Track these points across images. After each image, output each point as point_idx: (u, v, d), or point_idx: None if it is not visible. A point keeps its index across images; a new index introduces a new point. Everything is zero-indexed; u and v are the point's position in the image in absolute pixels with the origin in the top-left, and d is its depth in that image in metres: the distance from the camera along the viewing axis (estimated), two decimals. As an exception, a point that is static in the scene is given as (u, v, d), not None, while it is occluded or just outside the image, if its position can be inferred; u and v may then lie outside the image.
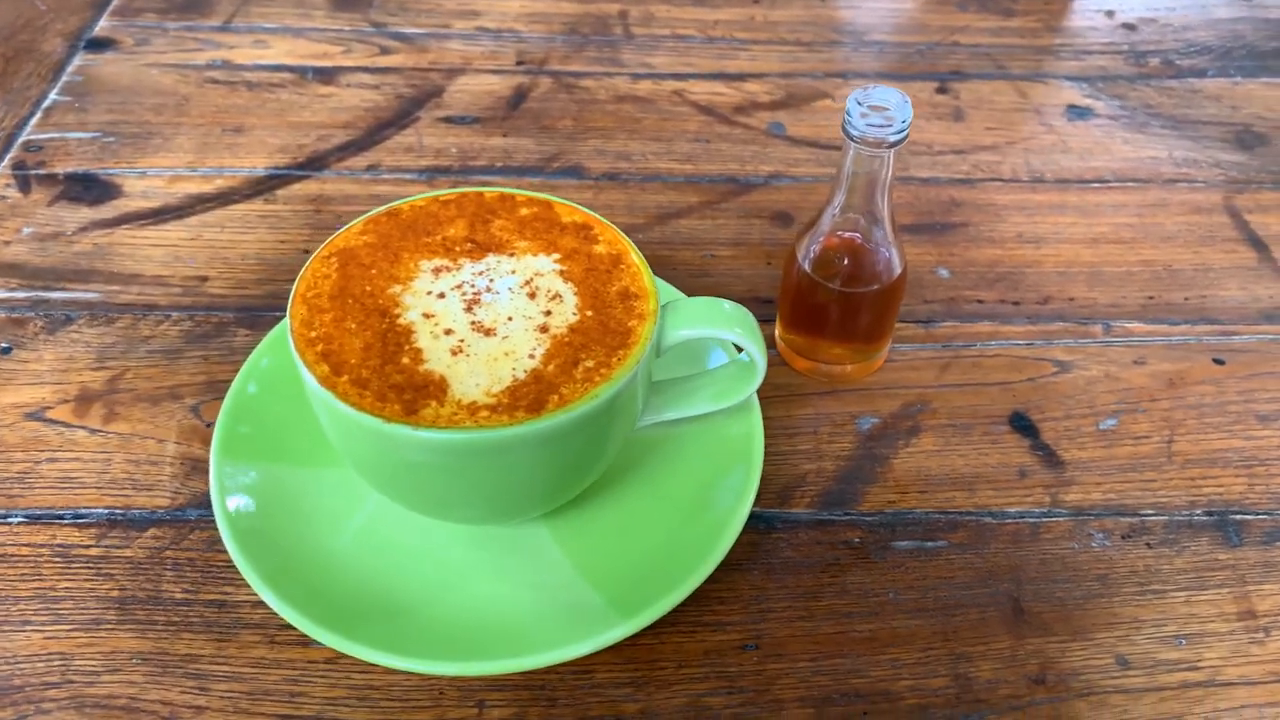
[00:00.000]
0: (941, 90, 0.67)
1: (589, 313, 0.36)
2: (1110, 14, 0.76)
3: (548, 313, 0.36)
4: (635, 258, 0.38)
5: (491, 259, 0.38)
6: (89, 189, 0.56)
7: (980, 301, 0.52)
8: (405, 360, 0.34)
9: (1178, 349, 0.50)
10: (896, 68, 0.69)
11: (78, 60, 0.66)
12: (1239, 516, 0.43)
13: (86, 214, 0.55)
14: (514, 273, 0.37)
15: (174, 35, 0.69)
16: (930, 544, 0.42)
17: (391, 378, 0.33)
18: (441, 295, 0.36)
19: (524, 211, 0.40)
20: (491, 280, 0.37)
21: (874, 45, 0.71)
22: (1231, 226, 0.57)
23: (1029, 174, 0.60)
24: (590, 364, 0.34)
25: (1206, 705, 0.37)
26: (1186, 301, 0.52)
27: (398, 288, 0.36)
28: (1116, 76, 0.69)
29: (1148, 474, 0.44)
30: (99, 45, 0.68)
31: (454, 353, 0.34)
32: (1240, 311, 0.52)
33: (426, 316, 0.35)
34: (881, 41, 0.72)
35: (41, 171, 0.58)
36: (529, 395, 0.33)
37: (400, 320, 0.35)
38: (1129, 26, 0.74)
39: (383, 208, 0.39)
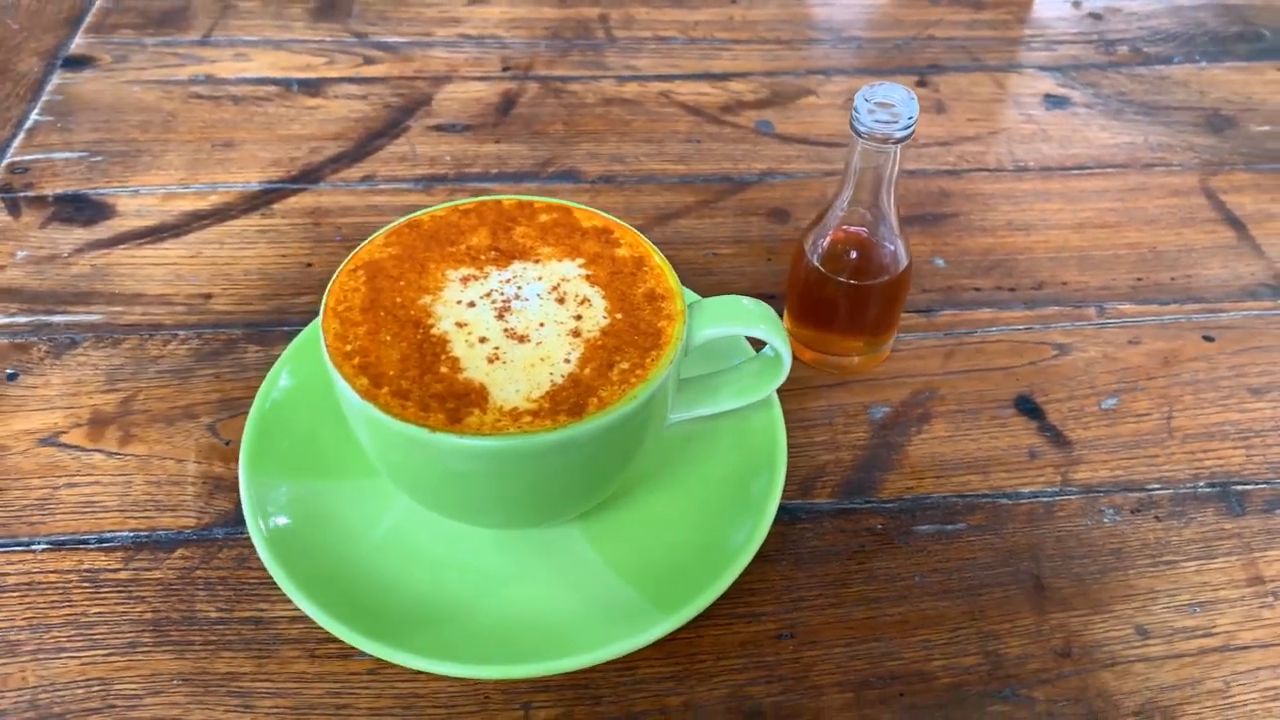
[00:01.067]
0: (921, 84, 0.69)
1: (618, 315, 0.36)
2: (1077, 4, 0.78)
3: (578, 317, 0.36)
4: (658, 259, 0.39)
5: (517, 266, 0.38)
6: (81, 210, 0.56)
7: (977, 289, 0.53)
8: (444, 369, 0.34)
9: (1169, 328, 0.52)
10: (876, 63, 0.71)
11: (56, 79, 0.65)
12: (1240, 487, 0.44)
13: (81, 235, 0.54)
14: (540, 279, 0.37)
15: (153, 51, 0.68)
16: (950, 527, 0.43)
17: (431, 387, 0.33)
18: (472, 304, 0.36)
19: (544, 218, 0.40)
20: (519, 287, 0.37)
21: (852, 41, 0.73)
22: (1209, 207, 0.59)
23: (1013, 163, 0.62)
24: (625, 366, 0.35)
25: (1224, 669, 0.38)
26: (1173, 281, 0.54)
27: (428, 298, 0.36)
28: (1088, 65, 0.71)
29: (1151, 450, 0.46)
30: (76, 63, 0.67)
31: (490, 360, 0.34)
32: (1224, 289, 0.54)
33: (459, 325, 0.35)
34: (859, 37, 0.73)
35: (30, 194, 0.57)
36: (569, 399, 0.33)
37: (434, 330, 0.35)
38: (1095, 16, 0.76)
39: (403, 219, 0.40)
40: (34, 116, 0.62)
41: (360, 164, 0.60)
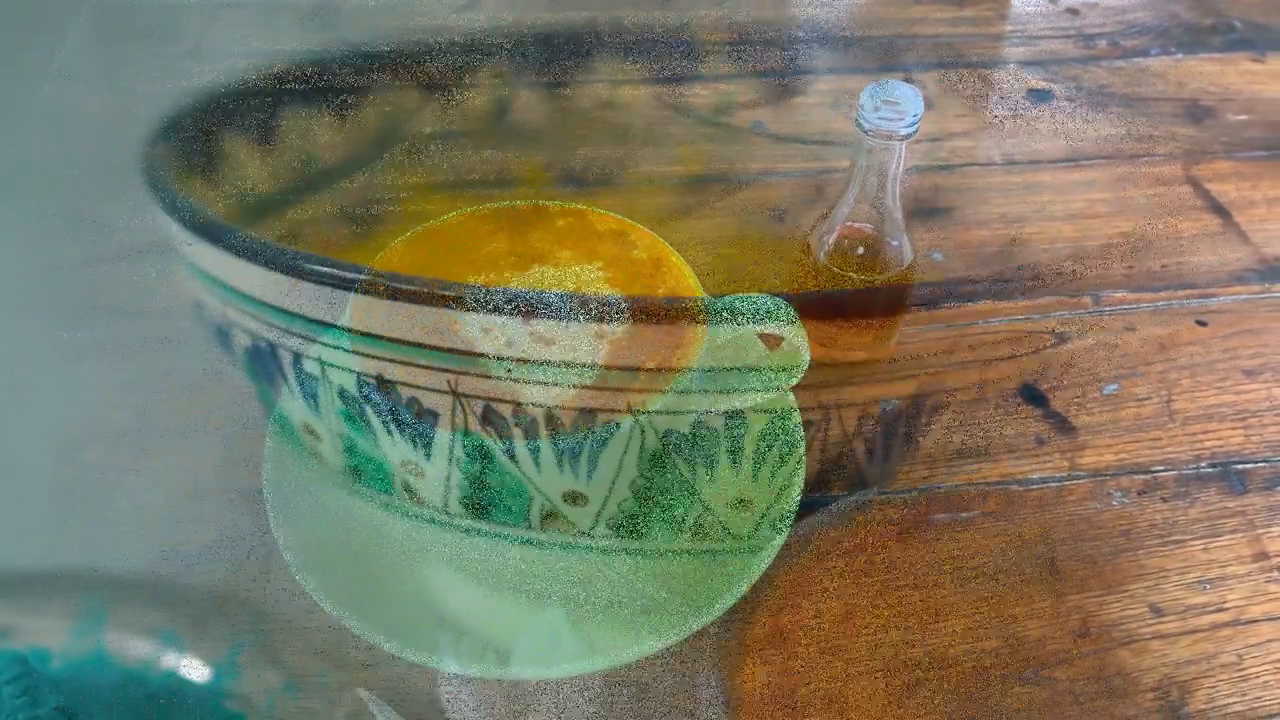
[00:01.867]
0: (907, 81, 0.69)
1: (641, 316, 0.37)
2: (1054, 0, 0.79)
3: (601, 319, 0.37)
4: (676, 260, 0.39)
5: (537, 270, 0.38)
6: (84, 222, 0.55)
7: (975, 281, 0.54)
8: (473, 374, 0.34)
9: (1163, 314, 0.53)
10: (862, 61, 0.72)
11: (45, 92, 0.65)
12: (1241, 466, 0.46)
13: (83, 249, 0.54)
14: (561, 282, 0.38)
15: (144, 62, 0.67)
16: (964, 515, 0.44)
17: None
18: (496, 309, 0.37)
19: (560, 222, 0.40)
20: (541, 291, 0.37)
21: (838, 40, 0.74)
22: (1194, 196, 0.60)
23: (1002, 157, 0.63)
24: (651, 366, 0.35)
25: (1237, 643, 0.40)
26: (1164, 269, 0.55)
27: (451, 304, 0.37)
28: (1068, 60, 0.72)
29: (1153, 433, 0.47)
30: (66, 76, 0.66)
31: (518, 364, 0.35)
32: (1214, 275, 0.55)
33: (485, 330, 0.36)
34: (845, 36, 0.74)
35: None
36: (600, 401, 0.34)
37: (461, 336, 0.36)
38: (1073, 11, 0.78)
39: (420, 227, 0.40)
40: (24, 133, 0.62)
41: (360, 175, 0.60)
